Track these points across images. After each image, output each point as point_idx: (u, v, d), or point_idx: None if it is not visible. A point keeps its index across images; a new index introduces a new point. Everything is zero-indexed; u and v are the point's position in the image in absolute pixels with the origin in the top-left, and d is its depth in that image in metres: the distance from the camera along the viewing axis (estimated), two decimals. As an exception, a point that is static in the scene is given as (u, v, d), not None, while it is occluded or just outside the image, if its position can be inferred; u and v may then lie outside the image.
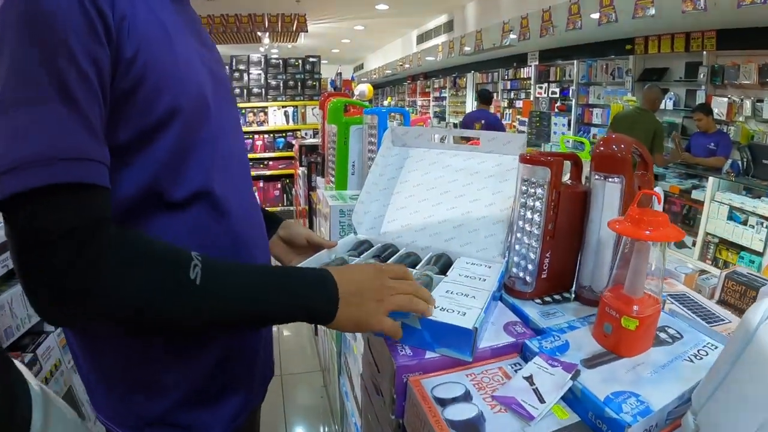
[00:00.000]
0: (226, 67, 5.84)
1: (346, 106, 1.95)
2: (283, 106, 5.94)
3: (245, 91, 5.80)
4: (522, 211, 0.86)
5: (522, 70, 9.51)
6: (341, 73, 7.61)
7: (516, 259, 0.88)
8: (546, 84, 8.66)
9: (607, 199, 0.81)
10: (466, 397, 0.63)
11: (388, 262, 0.92)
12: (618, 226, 0.68)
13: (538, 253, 0.85)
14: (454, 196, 1.04)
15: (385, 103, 17.50)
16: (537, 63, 8.84)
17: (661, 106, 5.23)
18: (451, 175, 1.08)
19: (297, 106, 5.97)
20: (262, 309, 0.61)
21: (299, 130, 5.86)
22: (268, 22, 7.58)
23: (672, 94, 6.18)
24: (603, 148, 0.82)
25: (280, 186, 6.00)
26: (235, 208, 0.72)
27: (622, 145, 0.80)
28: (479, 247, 0.94)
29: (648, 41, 6.38)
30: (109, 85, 0.54)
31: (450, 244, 0.97)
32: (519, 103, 9.57)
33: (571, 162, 0.91)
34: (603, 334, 0.71)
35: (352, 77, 9.38)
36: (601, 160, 0.82)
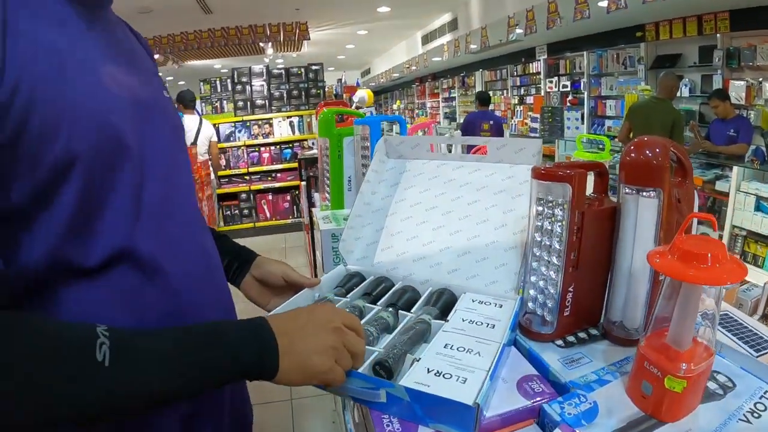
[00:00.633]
0: (227, 80, 5.80)
1: (341, 115, 1.81)
2: (288, 117, 5.86)
3: (249, 103, 5.73)
4: (538, 236, 0.72)
5: (531, 65, 9.30)
6: (341, 80, 7.48)
7: (532, 292, 0.74)
8: (556, 78, 8.45)
9: (642, 217, 0.67)
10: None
11: (381, 300, 0.78)
12: (659, 260, 0.53)
13: (559, 288, 0.70)
14: (458, 218, 0.90)
15: (395, 107, 17.37)
16: (545, 57, 8.64)
17: (677, 94, 5.01)
18: (455, 191, 0.94)
19: (302, 116, 5.88)
20: (190, 377, 0.49)
21: (305, 139, 5.77)
22: (269, 32, 7.52)
23: (687, 80, 5.93)
24: (634, 154, 0.67)
25: (289, 198, 5.90)
26: (175, 265, 0.60)
27: (658, 149, 0.65)
28: (488, 280, 0.80)
29: (659, 27, 6.15)
30: None
31: (453, 276, 0.83)
32: (530, 99, 9.36)
33: (594, 173, 0.77)
34: (641, 395, 0.57)
35: (358, 83, 9.24)
36: (633, 169, 0.67)
